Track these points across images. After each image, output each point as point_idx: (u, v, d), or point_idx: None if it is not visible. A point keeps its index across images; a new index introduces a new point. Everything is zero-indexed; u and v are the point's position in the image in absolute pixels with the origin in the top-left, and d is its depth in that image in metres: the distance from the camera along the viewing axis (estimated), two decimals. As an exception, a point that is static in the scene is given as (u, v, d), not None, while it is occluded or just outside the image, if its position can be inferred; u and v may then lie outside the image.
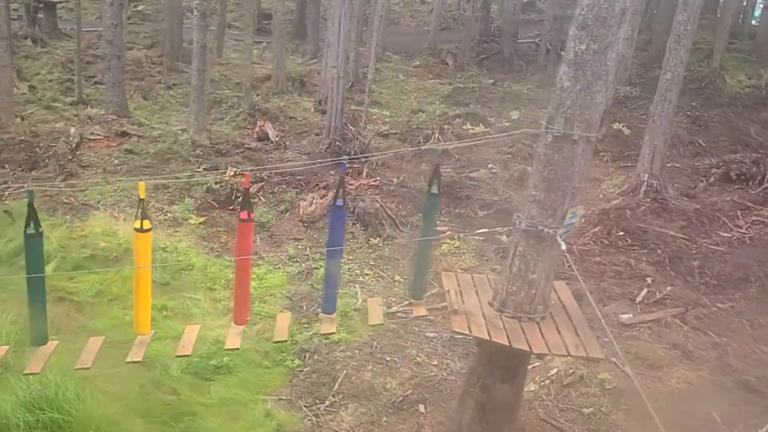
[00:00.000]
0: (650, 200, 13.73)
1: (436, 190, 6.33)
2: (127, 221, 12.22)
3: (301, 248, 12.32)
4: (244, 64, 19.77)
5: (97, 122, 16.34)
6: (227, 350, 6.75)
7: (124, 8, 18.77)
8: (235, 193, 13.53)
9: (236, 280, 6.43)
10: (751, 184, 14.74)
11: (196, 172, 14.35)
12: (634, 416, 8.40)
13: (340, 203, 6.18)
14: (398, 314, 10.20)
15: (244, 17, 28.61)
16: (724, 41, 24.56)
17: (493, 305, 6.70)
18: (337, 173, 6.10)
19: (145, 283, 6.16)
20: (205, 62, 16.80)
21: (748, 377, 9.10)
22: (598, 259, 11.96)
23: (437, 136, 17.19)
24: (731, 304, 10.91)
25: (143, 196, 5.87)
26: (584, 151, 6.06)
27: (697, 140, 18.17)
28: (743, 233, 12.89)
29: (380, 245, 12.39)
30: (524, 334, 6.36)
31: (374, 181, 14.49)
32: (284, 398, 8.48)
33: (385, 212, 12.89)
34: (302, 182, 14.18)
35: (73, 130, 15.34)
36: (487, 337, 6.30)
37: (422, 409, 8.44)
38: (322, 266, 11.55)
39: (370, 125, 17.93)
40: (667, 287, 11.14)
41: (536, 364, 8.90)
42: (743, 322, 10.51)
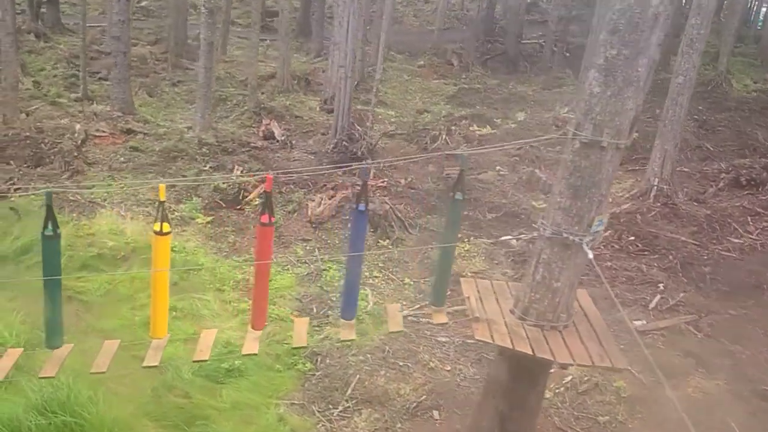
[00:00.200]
0: (660, 205, 13.65)
1: (460, 196, 6.21)
2: (134, 220, 12.14)
3: (309, 249, 12.21)
4: (249, 61, 19.65)
5: (102, 119, 16.22)
6: (245, 355, 6.60)
7: (130, 4, 18.63)
8: (242, 192, 13.44)
9: (256, 285, 6.30)
10: (761, 189, 14.66)
11: (203, 170, 14.24)
12: (650, 425, 8.31)
13: (362, 208, 6.07)
14: (410, 318, 10.09)
15: (248, 14, 28.55)
16: (730, 45, 24.47)
17: (514, 313, 6.59)
18: (358, 176, 5.99)
19: (163, 287, 6.03)
20: (212, 60, 16.70)
21: (765, 387, 9.01)
22: (609, 264, 11.86)
23: (445, 137, 17.09)
24: (744, 311, 10.83)
25: (164, 198, 5.73)
26: (613, 158, 5.95)
27: (704, 144, 18.08)
28: (754, 239, 12.82)
29: (389, 247, 12.28)
30: (547, 343, 6.25)
31: (382, 182, 14.38)
32: (297, 403, 8.37)
33: (394, 214, 12.78)
34: (310, 182, 14.06)
35: (78, 126, 15.23)
36: (510, 345, 6.19)
37: (437, 415, 8.34)
38: (331, 268, 11.49)
39: (376, 125, 17.81)
40: (679, 294, 11.06)
41: (551, 371, 8.79)
42: (757, 329, 10.44)
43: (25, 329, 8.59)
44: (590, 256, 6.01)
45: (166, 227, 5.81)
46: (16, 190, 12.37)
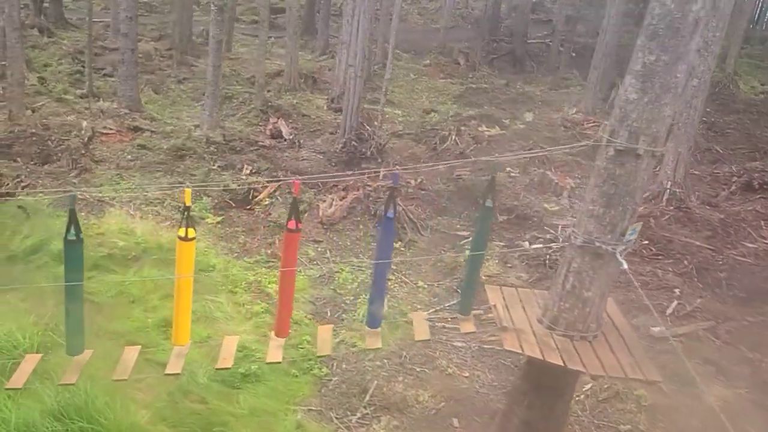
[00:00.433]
0: (674, 209, 13.53)
1: (490, 203, 6.08)
2: (144, 219, 12.00)
3: (320, 251, 12.08)
4: (256, 59, 19.49)
5: (109, 116, 16.05)
6: (269, 363, 6.47)
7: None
8: (252, 192, 13.30)
9: (281, 292, 6.17)
10: (774, 193, 14.56)
11: (212, 170, 14.09)
12: (672, 434, 8.21)
13: (390, 215, 5.95)
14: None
15: (252, 11, 28.41)
16: (737, 46, 24.35)
17: (542, 322, 6.47)
18: (392, 180, 5.78)
19: (187, 293, 5.90)
20: (220, 57, 16.54)
21: (786, 396, 8.91)
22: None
23: (454, 137, 16.94)
24: (762, 317, 10.71)
25: (189, 203, 5.59)
26: (648, 165, 5.83)
27: (714, 147, 17.98)
28: (769, 244, 12.72)
29: (402, 249, 12.15)
30: (578, 354, 6.13)
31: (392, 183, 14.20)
32: (314, 409, 8.25)
33: (407, 216, 12.65)
34: (320, 183, 13.91)
35: (85, 123, 15.06)
36: (540, 356, 6.07)
37: (456, 423, 8.22)
38: (344, 270, 11.35)
39: (384, 125, 17.66)
40: (696, 299, 10.94)
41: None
42: (774, 336, 10.33)
43: (38, 331, 8.45)
44: (625, 266, 5.89)
45: (191, 233, 5.68)
46: (24, 188, 12.22)
